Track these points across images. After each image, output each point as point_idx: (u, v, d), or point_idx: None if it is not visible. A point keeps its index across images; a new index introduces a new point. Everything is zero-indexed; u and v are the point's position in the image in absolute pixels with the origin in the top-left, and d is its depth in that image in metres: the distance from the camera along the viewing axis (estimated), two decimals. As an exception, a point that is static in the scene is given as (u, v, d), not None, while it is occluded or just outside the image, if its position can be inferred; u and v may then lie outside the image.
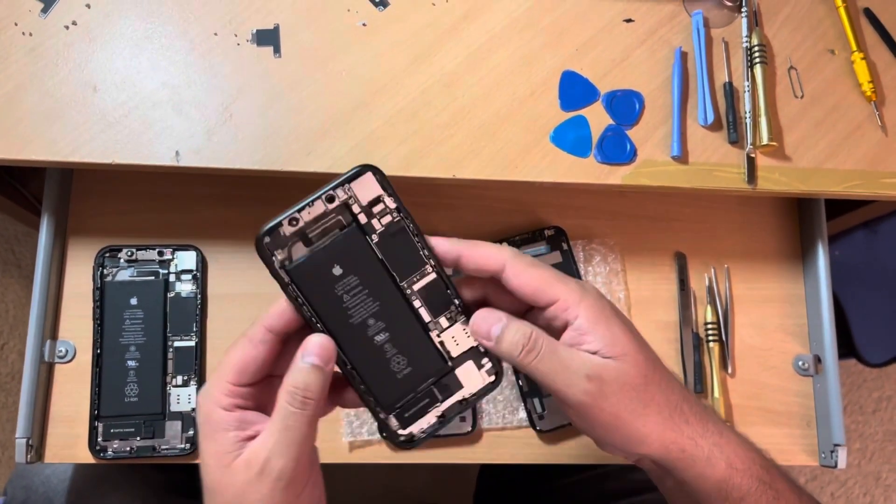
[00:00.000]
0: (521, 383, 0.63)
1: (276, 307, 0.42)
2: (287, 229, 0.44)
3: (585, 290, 0.43)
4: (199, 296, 0.63)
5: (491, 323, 0.44)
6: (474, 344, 0.46)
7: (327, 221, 0.45)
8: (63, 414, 0.61)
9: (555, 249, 0.66)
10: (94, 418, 0.60)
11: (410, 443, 0.46)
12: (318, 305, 0.43)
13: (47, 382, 0.61)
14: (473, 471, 0.99)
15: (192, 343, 0.62)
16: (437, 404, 0.46)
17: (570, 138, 0.59)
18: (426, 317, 0.45)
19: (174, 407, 0.61)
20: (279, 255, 0.44)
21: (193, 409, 0.61)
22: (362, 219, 0.45)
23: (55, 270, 0.62)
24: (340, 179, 0.45)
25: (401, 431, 0.45)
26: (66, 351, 0.62)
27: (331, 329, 0.43)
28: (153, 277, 0.63)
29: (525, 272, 0.43)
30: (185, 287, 0.63)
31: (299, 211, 0.44)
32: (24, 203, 0.93)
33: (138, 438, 0.60)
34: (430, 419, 0.45)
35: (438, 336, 0.45)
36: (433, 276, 0.45)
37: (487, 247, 0.44)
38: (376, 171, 0.46)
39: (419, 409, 0.45)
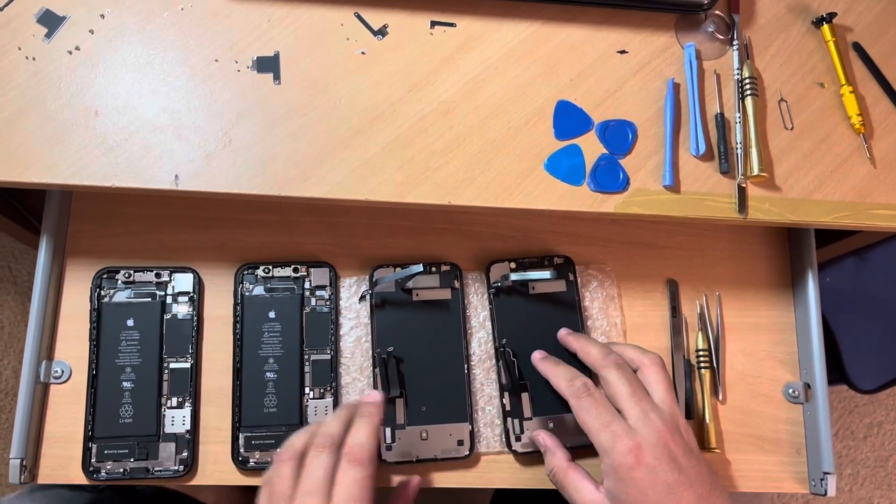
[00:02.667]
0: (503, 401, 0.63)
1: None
2: (261, 273, 0.65)
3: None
4: (195, 317, 0.63)
5: (546, 443, 0.60)
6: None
7: (285, 283, 0.65)
8: (57, 434, 0.61)
9: (561, 278, 0.67)
10: (88, 439, 0.60)
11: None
12: (247, 327, 0.63)
13: (42, 403, 0.61)
14: (485, 494, 0.99)
15: (188, 365, 0.62)
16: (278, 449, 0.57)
17: (564, 167, 0.60)
18: (307, 381, 0.63)
19: (168, 428, 0.61)
20: (246, 284, 0.64)
21: (188, 431, 0.61)
22: (306, 294, 0.65)
23: (53, 291, 0.63)
24: (308, 262, 0.66)
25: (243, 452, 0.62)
26: (62, 371, 0.62)
27: (244, 343, 0.63)
28: (150, 299, 0.63)
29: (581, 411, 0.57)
30: (182, 309, 0.64)
31: (275, 266, 0.65)
32: (22, 221, 0.94)
33: (132, 460, 0.60)
34: (267, 456, 0.61)
35: (307, 401, 0.62)
36: (328, 356, 0.63)
37: (592, 354, 0.61)
38: (332, 269, 0.66)
39: (265, 444, 0.61)
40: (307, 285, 0.65)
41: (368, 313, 0.65)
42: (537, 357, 0.63)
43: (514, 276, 0.64)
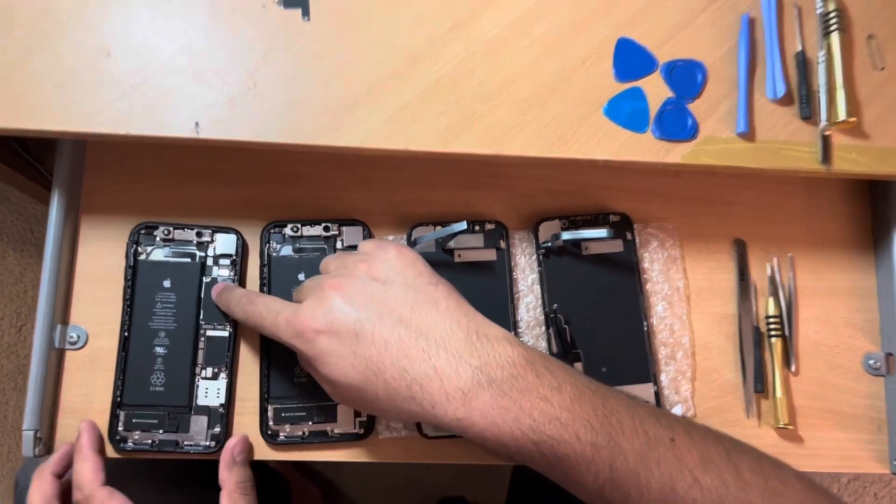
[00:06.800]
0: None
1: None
2: (289, 232, 0.59)
3: None
4: (236, 282, 0.58)
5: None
6: None
7: (315, 243, 0.60)
8: (75, 404, 0.57)
9: (617, 237, 0.60)
10: (115, 406, 0.56)
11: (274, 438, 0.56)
12: (275, 291, 0.58)
13: (57, 370, 0.57)
14: (504, 467, 0.95)
15: (226, 333, 0.58)
16: (309, 422, 0.57)
17: (626, 112, 0.54)
18: None
19: (201, 401, 0.56)
20: (273, 244, 0.59)
21: (221, 405, 0.56)
22: None
23: (66, 251, 0.58)
24: (340, 220, 0.60)
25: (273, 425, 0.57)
26: (78, 337, 0.57)
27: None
28: (189, 259, 0.58)
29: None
30: (223, 273, 0.59)
31: (304, 224, 0.60)
32: (42, 181, 0.90)
33: (161, 431, 0.55)
34: (298, 429, 0.56)
35: None
36: None
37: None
38: (366, 228, 0.60)
39: (295, 417, 0.56)
40: (339, 245, 0.60)
41: (407, 275, 0.60)
42: (215, 294, 0.58)
43: (566, 235, 0.58)
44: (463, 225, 0.56)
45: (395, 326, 0.45)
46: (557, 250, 0.60)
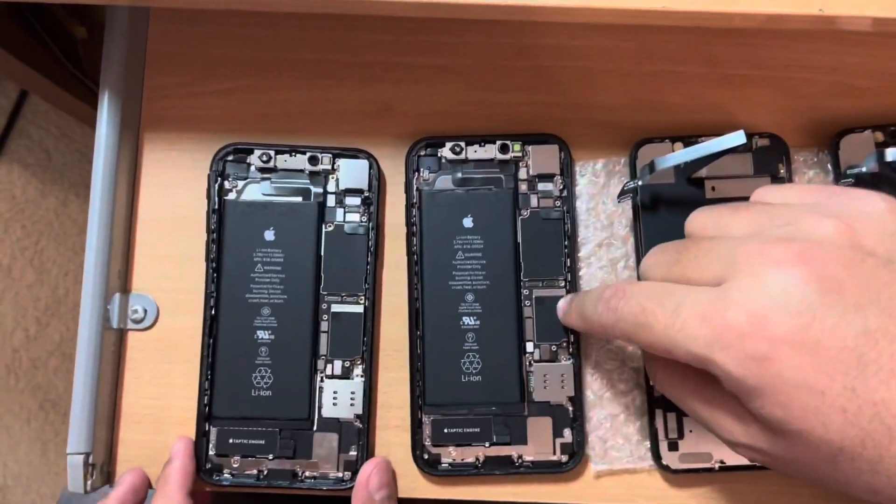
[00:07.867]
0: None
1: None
2: (448, 154, 0.40)
3: None
4: (372, 231, 0.39)
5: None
6: (564, 400, 0.38)
7: (488, 170, 0.40)
8: (142, 412, 0.39)
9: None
10: (204, 418, 0.38)
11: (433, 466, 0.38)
12: (428, 244, 0.39)
13: (116, 360, 0.39)
14: None
15: (360, 308, 0.39)
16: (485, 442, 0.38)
17: None
18: (528, 334, 0.39)
19: (328, 410, 0.38)
20: (424, 172, 0.40)
21: (357, 416, 0.38)
22: (522, 187, 0.40)
23: (123, 187, 0.40)
24: (524, 136, 0.40)
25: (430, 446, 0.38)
26: (145, 311, 0.39)
27: (425, 271, 0.39)
28: (300, 199, 0.39)
29: None
30: (352, 217, 0.39)
31: (469, 143, 0.40)
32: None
33: (271, 457, 0.37)
34: (469, 454, 0.38)
35: (530, 362, 0.38)
36: (562, 292, 0.39)
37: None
38: (563, 146, 0.40)
39: (464, 434, 0.38)
40: (523, 174, 0.40)
41: (630, 220, 0.39)
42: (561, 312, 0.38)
43: (892, 155, 0.36)
44: (740, 136, 0.34)
45: None
46: (871, 179, 0.38)
